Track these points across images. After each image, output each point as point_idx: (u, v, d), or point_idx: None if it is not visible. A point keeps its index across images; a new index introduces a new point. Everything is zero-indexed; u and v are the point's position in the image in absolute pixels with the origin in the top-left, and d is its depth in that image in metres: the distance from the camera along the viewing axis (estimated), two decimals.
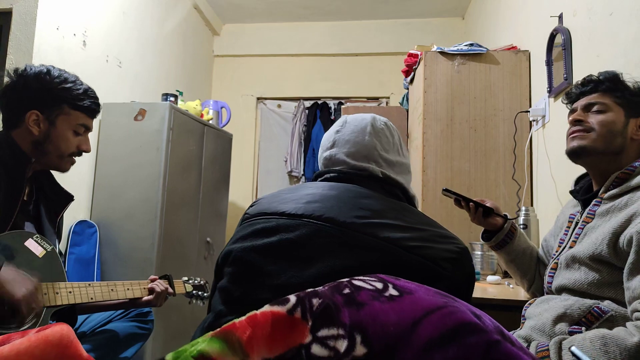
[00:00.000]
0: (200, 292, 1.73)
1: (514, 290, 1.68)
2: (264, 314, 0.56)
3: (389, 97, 4.26)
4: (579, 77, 1.27)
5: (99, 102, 1.41)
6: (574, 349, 0.74)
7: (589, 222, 1.13)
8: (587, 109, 1.18)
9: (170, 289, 1.58)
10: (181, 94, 3.12)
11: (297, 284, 0.74)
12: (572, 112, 1.22)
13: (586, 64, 1.75)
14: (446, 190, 1.42)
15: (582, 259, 1.08)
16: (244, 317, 0.57)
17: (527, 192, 2.27)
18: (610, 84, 1.16)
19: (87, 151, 1.39)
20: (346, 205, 0.83)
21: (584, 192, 1.24)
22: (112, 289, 1.40)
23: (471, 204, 1.40)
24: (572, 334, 0.98)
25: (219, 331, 0.56)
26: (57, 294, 1.24)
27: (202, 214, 3.04)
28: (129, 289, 1.45)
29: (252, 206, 0.94)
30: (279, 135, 4.42)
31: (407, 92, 3.09)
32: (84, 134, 1.38)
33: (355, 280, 0.60)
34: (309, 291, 0.58)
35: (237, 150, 3.93)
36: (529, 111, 2.25)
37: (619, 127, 1.13)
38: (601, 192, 1.15)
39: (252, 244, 0.82)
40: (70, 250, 2.38)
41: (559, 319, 1.03)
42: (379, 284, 0.58)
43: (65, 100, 1.31)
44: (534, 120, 2.24)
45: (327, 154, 1.00)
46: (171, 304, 1.73)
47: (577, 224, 1.20)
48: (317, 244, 0.78)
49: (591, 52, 1.72)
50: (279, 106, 4.46)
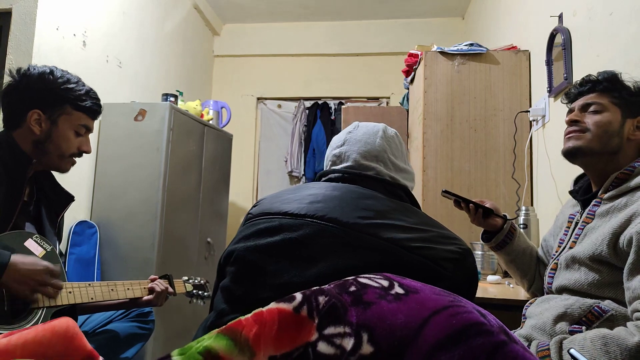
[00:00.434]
0: (200, 292, 1.73)
1: (514, 290, 1.68)
2: (270, 312, 0.56)
3: (389, 97, 4.26)
4: (579, 76, 1.27)
5: (101, 104, 1.42)
6: (573, 351, 0.73)
7: (588, 223, 1.13)
8: (584, 109, 1.18)
9: (170, 289, 1.58)
10: (181, 94, 3.12)
11: (299, 284, 0.74)
12: (570, 112, 1.23)
13: (586, 64, 1.75)
14: (445, 191, 1.42)
15: (582, 260, 1.08)
16: (249, 315, 0.57)
17: (527, 191, 2.27)
18: (608, 84, 1.16)
19: (88, 152, 1.39)
20: (349, 205, 0.84)
21: (583, 192, 1.24)
22: (112, 289, 1.40)
23: (471, 205, 1.40)
24: (572, 333, 0.99)
25: (225, 328, 0.56)
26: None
27: (202, 214, 3.04)
28: (129, 289, 1.45)
29: (254, 206, 0.95)
30: (279, 135, 4.41)
31: (408, 92, 3.09)
32: (85, 134, 1.38)
33: (361, 278, 0.60)
34: (315, 289, 0.58)
35: (237, 150, 3.93)
36: (529, 111, 2.25)
37: (615, 128, 1.13)
38: (600, 192, 1.14)
39: (254, 244, 0.82)
40: (70, 250, 2.38)
41: (560, 318, 1.04)
42: (384, 282, 0.58)
43: (67, 100, 1.31)
44: (534, 120, 2.24)
45: (336, 151, 1.01)
46: (172, 304, 1.73)
47: (576, 224, 1.20)
48: (320, 244, 0.79)
49: (591, 52, 1.72)
50: (279, 106, 4.46)
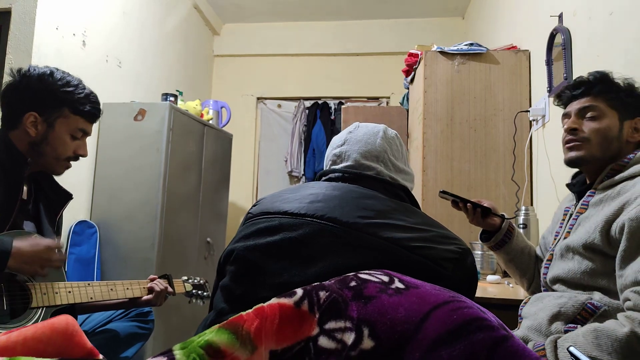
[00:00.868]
0: (200, 292, 1.73)
1: (514, 289, 1.68)
2: (271, 307, 0.56)
3: (389, 97, 4.26)
4: (579, 76, 1.26)
5: (100, 108, 1.41)
6: (572, 349, 0.74)
7: (582, 213, 1.14)
8: (581, 114, 1.17)
9: (169, 288, 1.58)
10: (181, 93, 3.12)
11: (299, 283, 0.74)
12: (565, 116, 1.22)
13: (586, 64, 1.74)
14: (443, 192, 1.42)
15: (576, 248, 1.08)
16: (250, 310, 0.57)
17: (527, 191, 2.27)
18: (602, 86, 1.15)
19: (84, 156, 1.38)
20: (349, 205, 0.84)
21: (579, 185, 1.24)
22: (111, 289, 1.40)
23: (469, 205, 1.39)
24: (568, 332, 0.99)
25: (226, 323, 0.56)
26: (57, 293, 1.24)
27: (202, 214, 3.04)
28: (128, 289, 1.45)
29: (254, 206, 0.95)
30: (279, 135, 4.41)
31: (408, 92, 3.09)
32: (81, 138, 1.37)
33: (361, 273, 0.60)
34: (316, 285, 0.59)
35: (237, 150, 3.93)
36: (529, 111, 2.25)
37: (614, 133, 1.12)
38: (596, 183, 1.15)
39: (254, 243, 0.82)
40: (70, 250, 2.38)
41: (555, 318, 1.04)
42: (385, 277, 0.59)
43: (66, 103, 1.31)
44: (534, 120, 2.24)
45: (337, 150, 1.01)
46: (171, 304, 1.73)
47: (571, 215, 1.20)
48: (320, 244, 0.78)
49: (591, 51, 1.72)
50: (279, 106, 4.46)
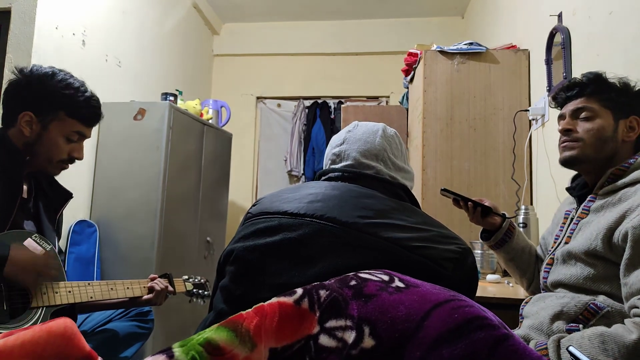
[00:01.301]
0: (200, 291, 1.73)
1: (514, 288, 1.68)
2: (271, 305, 0.56)
3: (388, 96, 4.26)
4: (578, 76, 1.26)
5: (100, 112, 1.38)
6: (571, 348, 0.74)
7: (583, 218, 1.14)
8: (575, 115, 1.17)
9: (170, 288, 1.58)
10: (181, 93, 3.12)
11: (298, 284, 0.74)
12: (561, 118, 1.22)
13: (585, 63, 1.75)
14: (444, 190, 1.42)
15: (578, 254, 1.08)
16: (250, 309, 0.57)
17: (527, 191, 2.27)
18: (595, 87, 1.15)
19: (79, 159, 1.36)
20: (348, 205, 0.83)
21: (579, 189, 1.24)
22: (111, 288, 1.40)
23: (469, 203, 1.39)
24: (569, 331, 0.99)
25: (226, 321, 0.56)
26: (57, 293, 1.24)
27: (202, 213, 3.04)
28: (128, 288, 1.45)
29: (254, 205, 0.94)
30: (278, 134, 4.41)
31: (407, 91, 3.09)
32: (78, 141, 1.35)
33: (361, 273, 0.60)
34: (316, 284, 0.58)
35: (236, 149, 3.93)
36: (529, 110, 2.25)
37: (609, 133, 1.12)
38: (596, 188, 1.15)
39: (254, 243, 0.82)
40: (69, 249, 2.38)
41: (556, 317, 1.04)
42: (385, 277, 0.59)
43: (62, 106, 1.29)
44: (534, 119, 2.24)
45: (336, 150, 1.01)
46: (171, 303, 1.73)
47: (572, 219, 1.20)
48: (320, 244, 0.78)
49: (590, 51, 1.72)
50: (279, 105, 4.46)
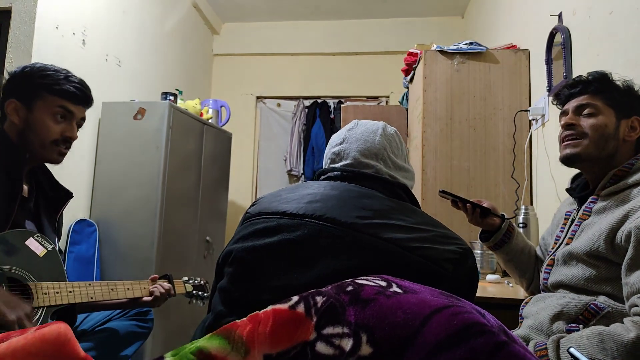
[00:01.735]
0: (200, 292, 1.73)
1: (514, 289, 1.68)
2: (265, 312, 0.56)
3: (388, 96, 4.26)
4: (578, 76, 1.26)
5: (85, 91, 1.36)
6: (572, 350, 0.73)
7: (585, 219, 1.14)
8: (578, 111, 1.17)
9: (172, 291, 1.58)
10: (180, 92, 3.12)
11: (298, 285, 0.73)
12: (563, 114, 1.22)
13: (586, 63, 1.74)
14: (443, 191, 1.42)
15: (579, 255, 1.08)
16: (245, 318, 0.56)
17: (527, 191, 2.27)
18: (599, 85, 1.15)
19: (72, 138, 1.34)
20: (347, 205, 0.83)
21: (580, 190, 1.24)
22: (112, 289, 1.40)
23: (468, 204, 1.39)
24: (569, 332, 0.99)
25: (219, 330, 0.56)
26: (57, 293, 1.24)
27: (201, 212, 3.04)
28: (129, 289, 1.45)
29: (253, 205, 0.94)
30: (278, 134, 4.41)
31: (407, 91, 3.08)
32: (68, 120, 1.33)
33: (358, 279, 0.59)
34: (312, 291, 0.58)
35: (236, 149, 3.92)
36: (529, 110, 2.25)
37: (610, 131, 1.13)
38: (598, 189, 1.15)
39: (252, 244, 0.82)
40: (69, 249, 2.38)
41: (556, 317, 1.04)
42: (382, 282, 0.58)
43: (42, 86, 1.30)
44: (534, 119, 2.24)
45: (336, 149, 1.00)
46: (171, 303, 1.73)
47: (573, 220, 1.20)
48: (319, 245, 0.78)
49: (591, 51, 1.72)
50: (279, 105, 4.46)
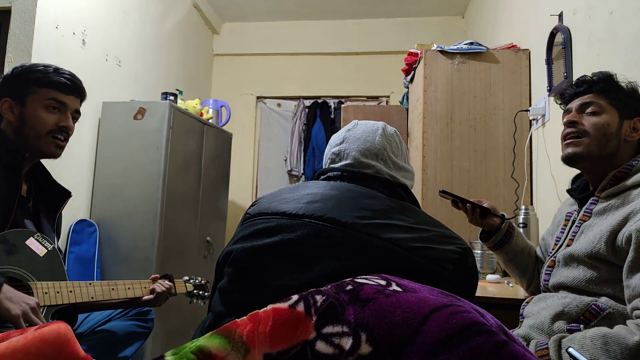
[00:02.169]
0: (201, 292, 1.73)
1: (514, 288, 1.68)
2: (265, 311, 0.56)
3: (389, 96, 4.26)
4: (579, 76, 1.26)
5: (75, 80, 1.37)
6: (571, 350, 0.73)
7: (585, 221, 1.13)
8: (582, 109, 1.17)
9: (173, 289, 1.58)
10: (181, 92, 3.12)
11: (297, 285, 0.73)
12: (567, 112, 1.22)
13: (586, 63, 1.74)
14: (443, 191, 1.42)
15: (580, 257, 1.08)
16: (245, 317, 0.56)
17: (527, 191, 2.27)
18: (604, 85, 1.16)
19: (68, 128, 1.34)
20: (347, 205, 0.83)
21: (580, 191, 1.24)
22: (112, 288, 1.40)
23: (468, 205, 1.39)
24: (570, 331, 0.99)
25: (220, 328, 0.56)
26: (58, 293, 1.24)
27: (202, 212, 3.04)
28: (129, 288, 1.45)
29: (252, 206, 0.94)
30: (278, 134, 4.41)
31: (407, 91, 3.08)
32: (61, 111, 1.33)
33: (358, 278, 0.59)
34: (312, 290, 0.58)
35: (236, 149, 3.92)
36: (529, 110, 2.25)
37: (613, 130, 1.13)
38: (598, 190, 1.15)
39: (252, 245, 0.82)
40: (69, 249, 2.38)
41: (557, 317, 1.04)
42: (382, 281, 0.58)
43: (32, 81, 1.31)
44: (534, 119, 2.24)
45: (336, 149, 1.00)
46: (171, 304, 1.73)
47: (574, 222, 1.20)
48: (319, 245, 0.78)
49: (591, 51, 1.72)
50: (279, 105, 4.46)
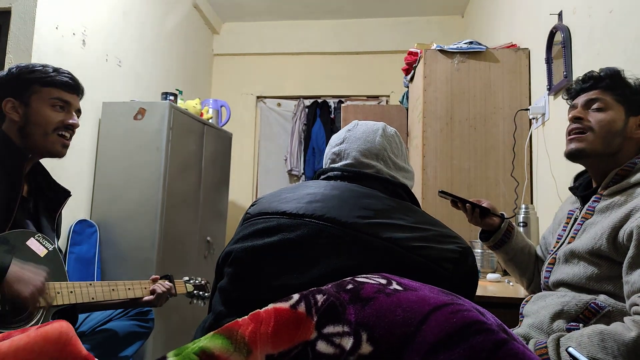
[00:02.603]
0: (201, 292, 1.73)
1: (514, 288, 1.68)
2: (267, 311, 0.56)
3: (389, 96, 4.26)
4: (578, 74, 1.26)
5: (75, 79, 1.39)
6: (571, 349, 0.73)
7: (588, 218, 1.13)
8: (587, 106, 1.17)
9: (173, 290, 1.58)
10: (181, 92, 3.12)
11: (297, 285, 0.73)
12: (572, 108, 1.21)
13: (586, 62, 1.74)
14: (442, 192, 1.42)
15: (581, 254, 1.08)
16: (247, 316, 0.56)
17: (527, 190, 2.27)
18: (610, 81, 1.15)
19: (74, 125, 1.36)
20: (348, 205, 0.83)
21: (583, 189, 1.24)
22: (113, 289, 1.40)
23: (468, 204, 1.39)
24: (569, 330, 0.99)
25: (221, 329, 0.56)
26: (59, 293, 1.25)
27: (202, 213, 3.04)
28: (130, 289, 1.45)
29: (252, 205, 0.94)
30: (278, 134, 4.41)
31: (407, 91, 3.08)
32: (65, 109, 1.35)
33: (359, 277, 0.59)
34: (313, 289, 0.58)
35: (237, 149, 3.92)
36: (529, 109, 2.25)
37: (618, 127, 1.12)
38: (600, 188, 1.14)
39: (252, 244, 0.82)
40: (70, 249, 2.38)
41: (557, 316, 1.04)
42: (382, 280, 0.58)
43: (34, 81, 1.32)
44: (534, 118, 2.24)
45: (336, 149, 1.00)
46: (171, 304, 1.74)
47: (575, 219, 1.20)
48: (319, 245, 0.78)
49: (591, 50, 1.72)
50: (279, 105, 4.46)
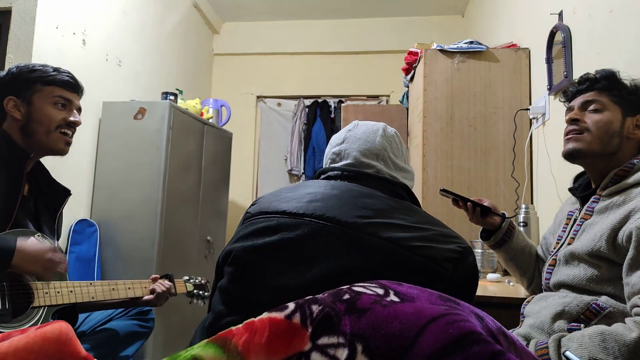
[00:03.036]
0: (201, 292, 1.73)
1: (514, 288, 1.68)
2: (261, 320, 0.55)
3: (389, 96, 4.26)
4: (579, 74, 1.26)
5: (75, 79, 1.41)
6: (568, 353, 0.73)
7: (587, 219, 1.13)
8: (584, 107, 1.17)
9: (173, 289, 1.58)
10: (181, 92, 3.12)
11: (297, 285, 0.73)
12: (569, 110, 1.22)
13: (586, 62, 1.74)
14: (444, 190, 1.42)
15: (581, 255, 1.08)
16: (241, 325, 0.56)
17: (527, 189, 2.27)
18: (606, 83, 1.16)
19: (77, 123, 1.38)
20: (348, 204, 0.83)
21: (582, 190, 1.24)
22: (113, 288, 1.40)
23: (469, 203, 1.39)
24: (571, 331, 0.99)
25: (215, 337, 0.56)
26: (59, 293, 1.25)
27: (202, 212, 3.04)
28: (130, 288, 1.45)
29: (253, 205, 0.94)
30: (279, 133, 4.41)
31: (407, 90, 3.08)
32: (67, 107, 1.36)
33: (355, 286, 0.59)
34: (308, 298, 0.58)
35: (237, 148, 3.92)
36: (529, 109, 2.25)
37: (615, 127, 1.12)
38: (599, 189, 1.15)
39: (252, 244, 0.82)
40: (70, 249, 2.39)
41: (558, 316, 1.04)
42: (380, 290, 0.57)
43: (35, 80, 1.33)
44: (534, 118, 2.24)
45: (336, 149, 1.00)
46: (171, 303, 1.74)
47: (575, 220, 1.20)
48: (319, 244, 0.78)
49: (591, 49, 1.72)
50: (279, 104, 4.46)
